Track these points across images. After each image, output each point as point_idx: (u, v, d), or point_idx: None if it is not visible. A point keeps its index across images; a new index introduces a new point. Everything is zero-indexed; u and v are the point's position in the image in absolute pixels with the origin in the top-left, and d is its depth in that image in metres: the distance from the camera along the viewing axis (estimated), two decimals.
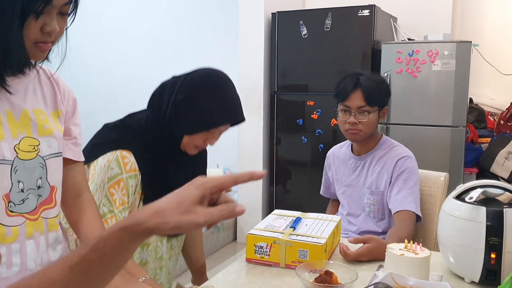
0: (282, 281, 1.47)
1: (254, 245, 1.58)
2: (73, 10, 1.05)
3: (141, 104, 1.66)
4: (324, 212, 2.36)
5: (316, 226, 1.67)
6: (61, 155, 1.19)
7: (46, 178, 1.13)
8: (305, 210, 1.87)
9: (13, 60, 0.99)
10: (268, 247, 1.56)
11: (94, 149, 1.52)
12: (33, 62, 1.12)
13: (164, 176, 1.53)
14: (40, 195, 1.11)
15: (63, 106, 1.22)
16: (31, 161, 1.08)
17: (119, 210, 1.44)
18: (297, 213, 1.82)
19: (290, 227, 1.66)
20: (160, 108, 1.52)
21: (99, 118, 6.56)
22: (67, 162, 1.24)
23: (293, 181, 4.18)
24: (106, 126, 1.60)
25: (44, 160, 1.11)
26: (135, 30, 5.35)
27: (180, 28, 5.04)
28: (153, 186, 1.51)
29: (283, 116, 4.17)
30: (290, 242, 1.54)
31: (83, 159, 1.31)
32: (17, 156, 1.04)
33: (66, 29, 1.08)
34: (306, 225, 1.69)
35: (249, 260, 1.60)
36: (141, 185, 1.50)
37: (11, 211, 1.04)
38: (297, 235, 1.58)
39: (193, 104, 1.47)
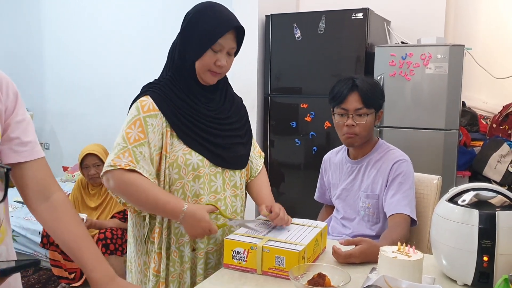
0: (275, 282, 1.47)
1: (232, 250, 1.56)
2: None
3: None
4: (317, 215, 2.37)
5: (298, 233, 1.64)
6: None
7: None
8: (298, 212, 1.85)
9: None
10: (245, 253, 1.53)
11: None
12: None
13: (188, 113, 1.64)
14: None
15: (1, 103, 1.12)
16: None
17: (134, 145, 1.56)
18: None
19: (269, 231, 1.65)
20: (171, 58, 1.70)
21: (93, 119, 6.56)
22: (19, 165, 1.16)
23: (287, 183, 4.18)
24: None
25: None
26: (130, 31, 5.34)
27: (175, 29, 5.01)
28: (181, 124, 1.63)
29: (277, 118, 4.17)
30: (267, 248, 1.51)
31: (39, 156, 1.21)
32: None
33: None
34: (289, 231, 1.66)
35: (226, 266, 1.58)
36: (168, 124, 1.61)
37: None
38: (276, 241, 1.55)
39: (192, 28, 1.63)
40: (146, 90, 1.65)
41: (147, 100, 1.60)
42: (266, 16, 4.11)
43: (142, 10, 5.30)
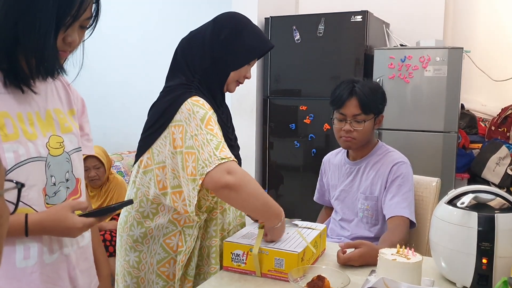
0: (274, 284, 1.47)
1: (231, 252, 1.55)
2: (93, 24, 1.18)
3: (134, 107, 1.66)
4: (316, 217, 2.37)
5: (297, 234, 1.64)
6: (81, 150, 1.30)
7: (72, 171, 1.24)
8: (297, 214, 1.86)
9: (49, 66, 1.13)
10: (245, 255, 1.53)
11: (161, 119, 1.54)
12: None
13: (220, 119, 1.58)
14: (68, 187, 1.23)
15: (75, 105, 1.36)
16: (60, 156, 1.20)
17: (224, 140, 1.48)
18: None
19: None
20: (193, 60, 1.61)
21: (92, 120, 6.50)
22: None
23: (286, 185, 4.19)
24: (155, 105, 1.62)
25: (69, 155, 1.23)
26: (128, 35, 5.33)
27: (173, 33, 5.01)
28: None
29: (276, 120, 4.17)
30: (266, 250, 1.51)
31: (93, 153, 1.44)
32: (49, 153, 1.16)
33: (84, 41, 1.20)
34: (288, 233, 1.65)
35: (226, 268, 1.57)
36: None
37: (47, 203, 1.16)
38: (275, 243, 1.55)
39: (237, 39, 1.61)
40: (187, 90, 1.55)
41: (201, 99, 1.52)
42: (265, 18, 4.11)
43: (141, 14, 5.29)
